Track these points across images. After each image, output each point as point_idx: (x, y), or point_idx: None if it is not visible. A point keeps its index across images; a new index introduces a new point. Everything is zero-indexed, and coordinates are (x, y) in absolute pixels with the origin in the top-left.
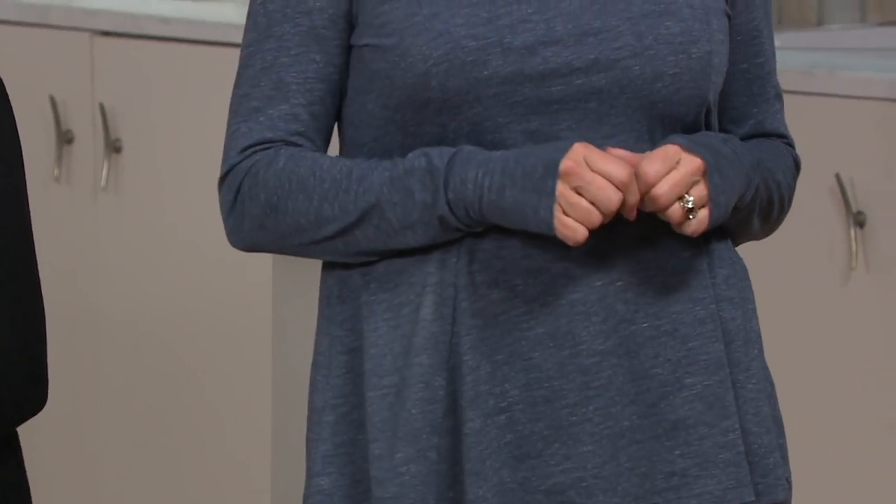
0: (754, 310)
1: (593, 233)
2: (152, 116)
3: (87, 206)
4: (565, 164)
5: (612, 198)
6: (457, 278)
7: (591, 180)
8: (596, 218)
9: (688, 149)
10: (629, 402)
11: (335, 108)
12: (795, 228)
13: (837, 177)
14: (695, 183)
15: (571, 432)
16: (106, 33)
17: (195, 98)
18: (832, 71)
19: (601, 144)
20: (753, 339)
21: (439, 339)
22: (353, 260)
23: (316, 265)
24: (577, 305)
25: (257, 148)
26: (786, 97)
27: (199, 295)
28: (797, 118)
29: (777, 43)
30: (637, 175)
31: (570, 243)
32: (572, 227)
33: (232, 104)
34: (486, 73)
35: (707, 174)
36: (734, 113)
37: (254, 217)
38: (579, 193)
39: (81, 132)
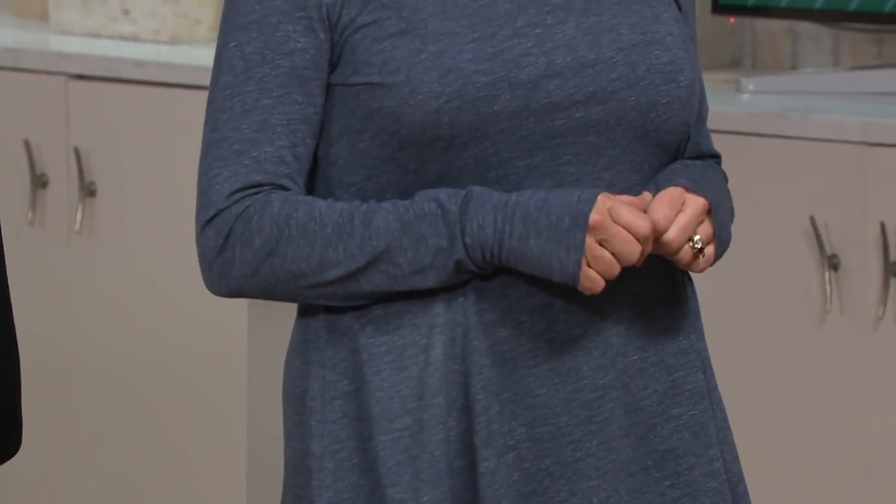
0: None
1: None
2: (127, 160)
3: (60, 250)
4: (594, 217)
5: (634, 251)
6: (465, 318)
7: (617, 234)
8: (616, 270)
9: (691, 189)
10: (624, 434)
11: (314, 149)
12: (770, 271)
13: (811, 220)
14: (701, 222)
15: (577, 468)
16: (80, 77)
17: (170, 141)
18: (806, 114)
19: (598, 177)
20: (712, 369)
21: (452, 380)
22: (348, 303)
23: (292, 310)
24: (579, 340)
25: (246, 192)
26: (760, 140)
27: (173, 340)
28: (771, 161)
29: (750, 87)
30: None
31: (588, 293)
32: (594, 280)
33: (208, 147)
34: (495, 108)
35: (711, 212)
36: None
37: (246, 263)
38: (602, 245)
39: (56, 176)
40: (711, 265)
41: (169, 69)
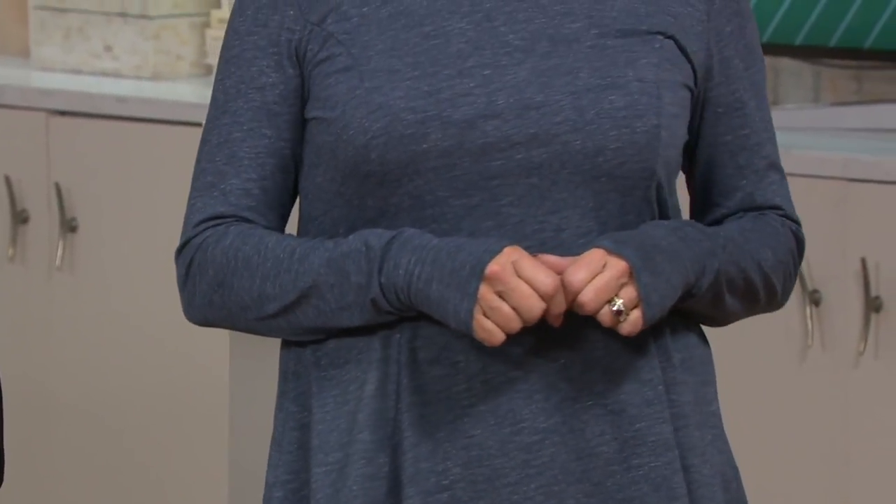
0: (715, 394)
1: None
2: (108, 196)
3: (42, 286)
4: (491, 267)
5: (533, 307)
6: (399, 354)
7: (515, 287)
8: (516, 324)
9: (613, 251)
10: (575, 480)
11: (289, 183)
12: None
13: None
14: (623, 285)
15: None
16: (62, 113)
17: (151, 177)
18: (787, 150)
19: (544, 220)
20: (711, 424)
21: (382, 416)
22: (299, 338)
23: (273, 347)
24: (517, 383)
25: (210, 223)
26: None
27: (153, 376)
28: None
29: None
30: (563, 283)
31: (487, 345)
32: (490, 331)
33: (193, 178)
34: (424, 146)
35: (634, 275)
36: (722, 186)
37: (203, 293)
38: (503, 297)
39: (37, 212)
40: (644, 327)
41: (150, 105)
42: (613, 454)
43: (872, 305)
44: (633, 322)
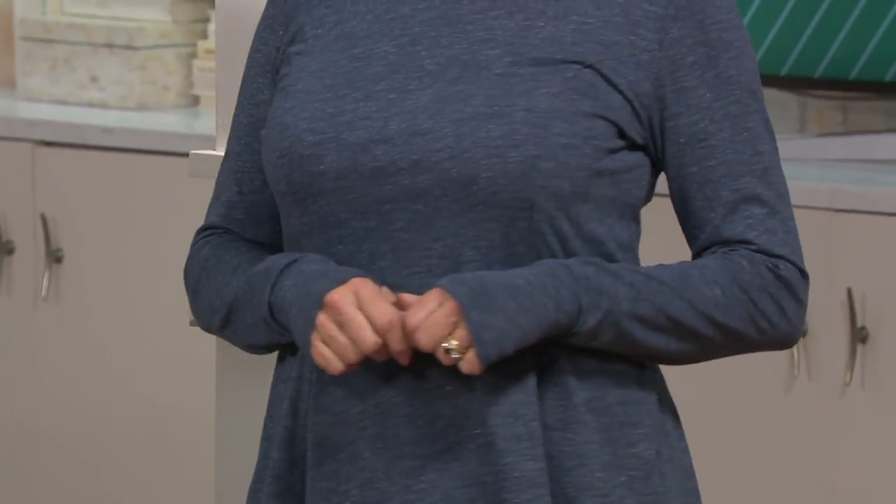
0: (645, 437)
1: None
2: (94, 226)
3: (27, 317)
4: (331, 296)
5: (366, 340)
6: (311, 374)
7: (350, 319)
8: (352, 355)
9: (448, 289)
10: None
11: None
12: None
13: None
14: (455, 324)
15: None
16: (48, 143)
17: (137, 208)
18: None
19: (429, 247)
20: (629, 466)
21: (294, 434)
22: (251, 351)
23: (261, 379)
24: (401, 408)
25: (204, 234)
26: None
27: (139, 407)
28: None
29: None
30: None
31: (329, 372)
32: (327, 359)
33: None
34: (321, 167)
35: (463, 314)
36: (694, 218)
37: (189, 299)
38: (341, 327)
39: (22, 242)
40: (484, 366)
41: (136, 136)
42: (490, 486)
43: (858, 336)
44: (469, 361)
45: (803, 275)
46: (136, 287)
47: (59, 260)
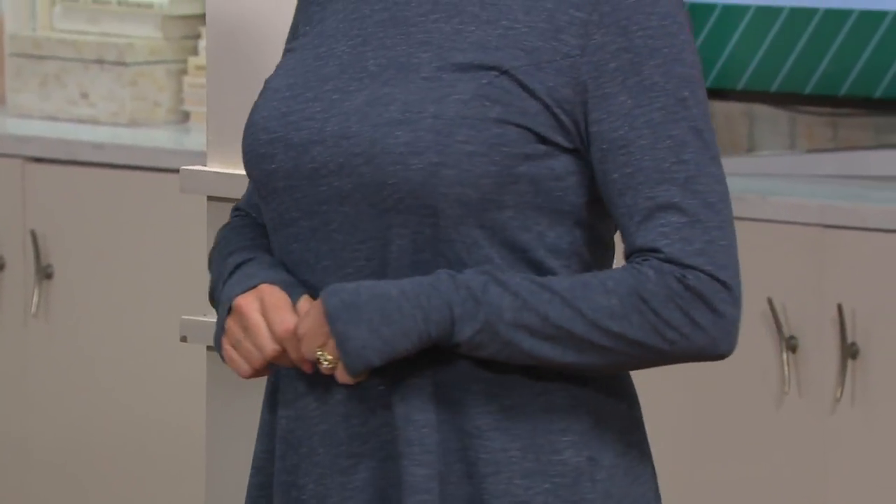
0: (572, 444)
1: None
2: (84, 243)
3: (17, 333)
4: (237, 301)
5: (264, 346)
6: (285, 367)
7: (252, 325)
8: (256, 361)
9: (322, 299)
10: None
11: None
12: None
13: (769, 301)
14: (327, 334)
15: None
16: (38, 160)
17: (128, 224)
18: (763, 196)
19: (356, 249)
20: (553, 473)
21: (272, 426)
22: None
23: (251, 398)
24: (339, 406)
25: (233, 213)
26: None
27: (130, 424)
28: None
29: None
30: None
31: (239, 375)
32: (235, 361)
33: None
34: (273, 166)
35: (330, 324)
36: (620, 226)
37: None
38: (246, 332)
39: (12, 259)
40: (355, 376)
41: (127, 152)
42: (403, 489)
43: (849, 352)
44: (340, 372)
45: (723, 285)
46: (126, 303)
47: (49, 276)
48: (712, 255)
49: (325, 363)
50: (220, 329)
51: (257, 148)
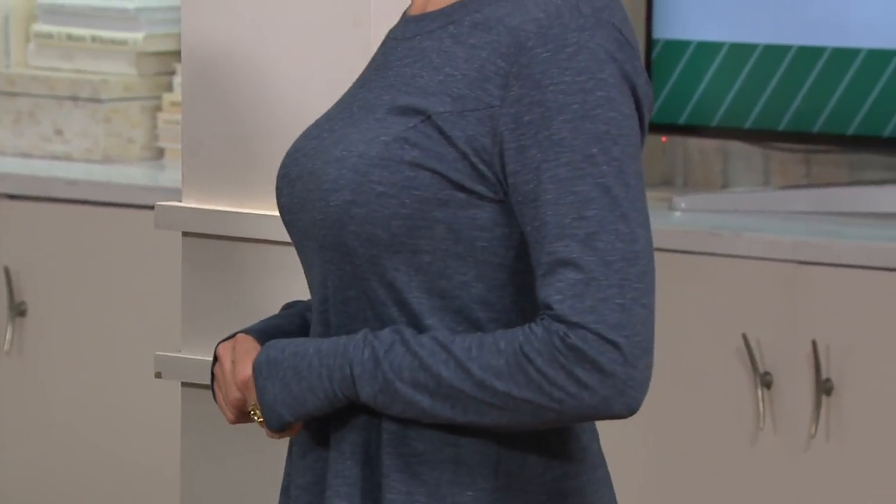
0: (474, 498)
1: None
2: (58, 279)
3: None
4: (217, 350)
5: (228, 394)
6: None
7: (224, 374)
8: (228, 408)
9: (259, 352)
10: None
11: None
12: (703, 388)
13: (744, 337)
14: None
15: None
16: (11, 197)
17: (102, 261)
18: (737, 232)
19: (315, 284)
20: None
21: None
22: None
23: (226, 432)
24: (299, 439)
25: None
26: (692, 258)
27: (102, 462)
28: (703, 279)
29: (682, 205)
30: None
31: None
32: (221, 406)
33: None
34: (281, 200)
35: (254, 378)
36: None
37: None
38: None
39: None
40: (275, 431)
41: (101, 188)
42: None
43: (823, 388)
44: (265, 424)
45: (612, 344)
46: (100, 340)
47: (22, 313)
48: (603, 314)
49: (255, 417)
50: (211, 375)
51: (277, 182)
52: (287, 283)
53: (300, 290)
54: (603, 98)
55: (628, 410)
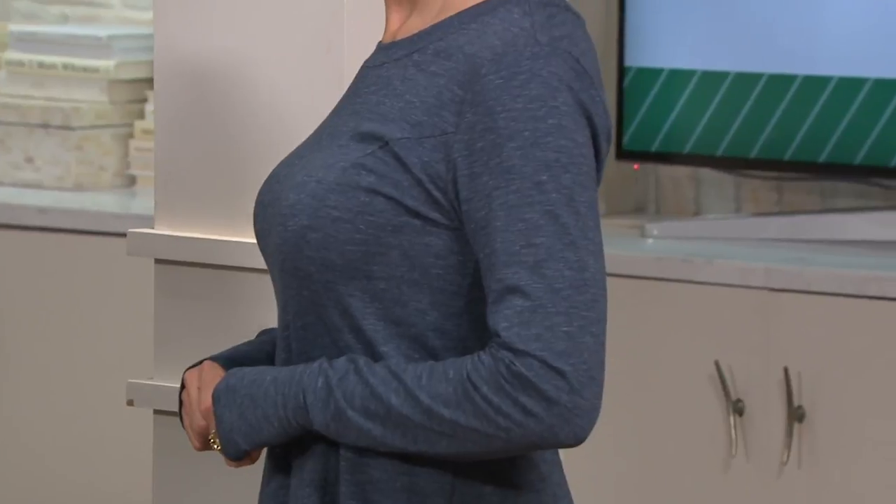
0: None
1: None
2: (29, 307)
3: None
4: (185, 376)
5: (193, 423)
6: None
7: (190, 401)
8: (194, 435)
9: (219, 381)
10: None
11: None
12: (675, 415)
13: (716, 364)
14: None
15: None
16: None
17: (74, 288)
18: (710, 259)
19: (283, 310)
20: None
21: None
22: None
23: (198, 460)
24: (265, 466)
25: None
26: (664, 285)
27: (74, 491)
28: (676, 306)
29: (655, 232)
30: None
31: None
32: (188, 432)
33: None
34: (257, 226)
35: (213, 405)
36: None
37: None
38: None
39: None
40: (232, 458)
41: (73, 216)
42: None
43: (795, 415)
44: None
45: (557, 372)
46: (73, 368)
47: None
48: (549, 342)
49: (215, 445)
50: (179, 402)
51: (254, 207)
52: (261, 310)
53: (274, 318)
54: (554, 126)
55: (575, 439)
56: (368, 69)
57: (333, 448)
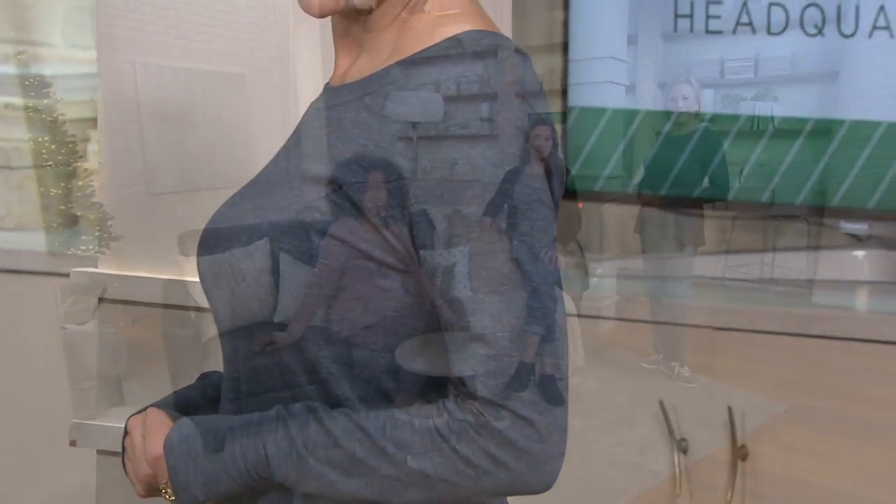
0: None
1: None
2: None
3: None
4: (129, 423)
5: (139, 470)
6: None
7: (134, 448)
8: (138, 483)
9: (171, 428)
10: None
11: None
12: (620, 454)
13: (661, 404)
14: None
15: None
16: None
17: (15, 328)
18: (654, 298)
19: (231, 353)
20: None
21: None
22: None
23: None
24: None
25: None
26: (608, 324)
27: None
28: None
29: (599, 270)
30: None
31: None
32: (132, 482)
33: None
34: (199, 267)
35: (165, 455)
36: None
37: None
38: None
39: None
40: None
41: (14, 256)
42: None
43: (739, 454)
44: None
45: (527, 421)
46: (13, 407)
47: None
48: (516, 391)
49: (167, 496)
50: (122, 449)
51: (197, 248)
52: (206, 349)
53: (218, 356)
54: (512, 172)
55: (543, 486)
56: (318, 111)
57: (286, 496)
